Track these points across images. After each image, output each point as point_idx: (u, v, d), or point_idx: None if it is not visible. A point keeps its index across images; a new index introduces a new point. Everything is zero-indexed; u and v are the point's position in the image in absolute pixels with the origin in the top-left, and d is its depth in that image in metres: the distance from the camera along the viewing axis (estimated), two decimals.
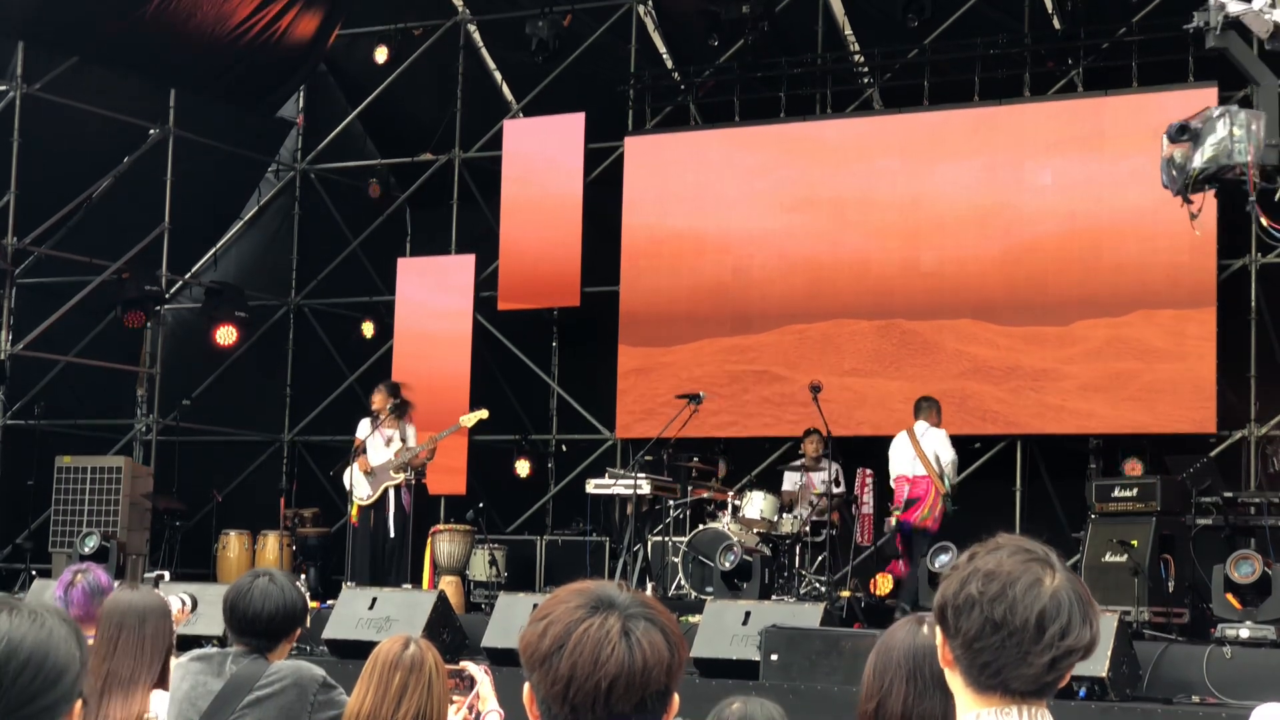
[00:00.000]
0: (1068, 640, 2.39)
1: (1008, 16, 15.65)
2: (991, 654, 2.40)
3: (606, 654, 2.29)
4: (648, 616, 2.35)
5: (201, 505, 17.30)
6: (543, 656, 2.33)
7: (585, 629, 2.31)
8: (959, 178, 15.49)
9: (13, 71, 16.90)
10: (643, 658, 2.30)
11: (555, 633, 2.33)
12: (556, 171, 17.18)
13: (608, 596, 2.36)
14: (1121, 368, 14.72)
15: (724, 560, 12.29)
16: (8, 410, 17.80)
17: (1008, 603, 2.40)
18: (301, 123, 19.77)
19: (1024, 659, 2.39)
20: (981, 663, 2.42)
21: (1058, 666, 2.42)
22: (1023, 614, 2.39)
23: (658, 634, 2.33)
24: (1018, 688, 2.41)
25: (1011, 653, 2.39)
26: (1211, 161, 9.05)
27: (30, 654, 2.16)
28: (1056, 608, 2.39)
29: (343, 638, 11.75)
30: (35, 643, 2.17)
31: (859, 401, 15.60)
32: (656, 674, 2.31)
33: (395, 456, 13.66)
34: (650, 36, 17.57)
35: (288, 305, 19.51)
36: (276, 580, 4.91)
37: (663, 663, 2.32)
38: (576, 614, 2.33)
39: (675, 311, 16.53)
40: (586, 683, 2.29)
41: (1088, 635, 2.43)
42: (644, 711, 2.31)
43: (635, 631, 2.31)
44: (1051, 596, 2.40)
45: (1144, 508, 11.71)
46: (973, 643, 2.42)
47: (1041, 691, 2.44)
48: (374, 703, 4.36)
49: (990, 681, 2.42)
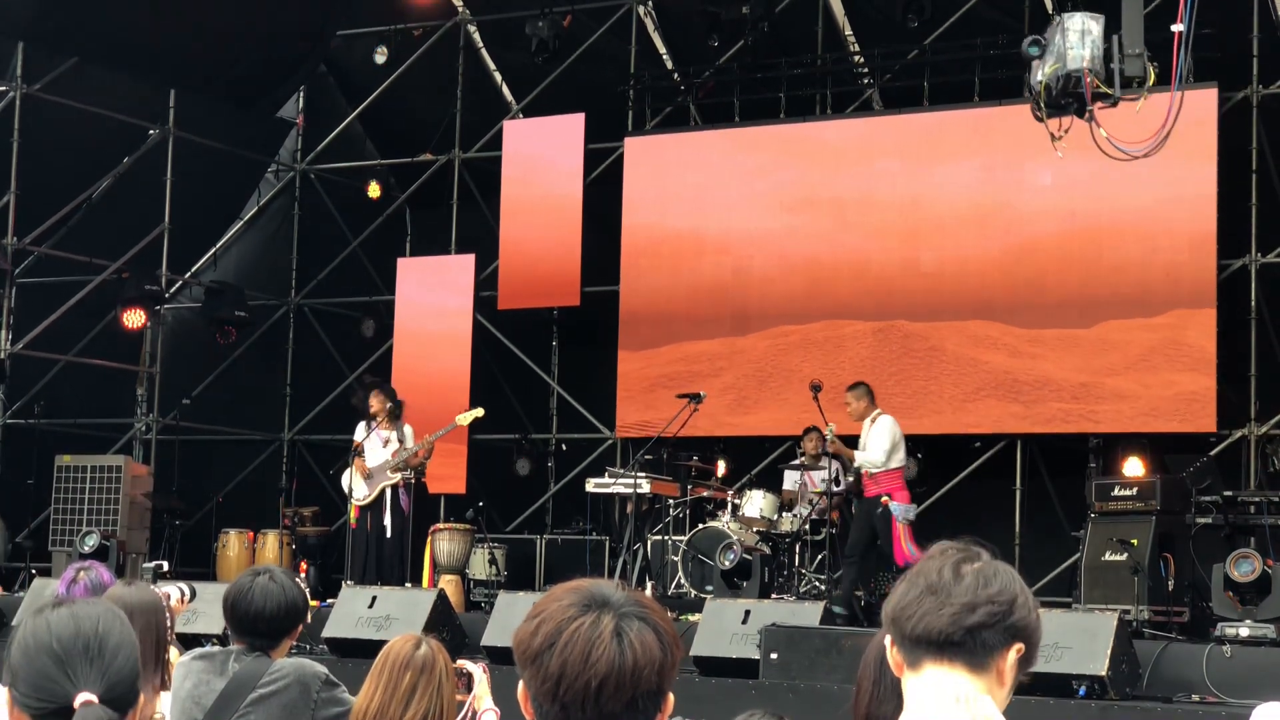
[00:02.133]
0: (990, 589, 2.49)
1: (1008, 16, 15.65)
2: (914, 606, 2.51)
3: (597, 653, 2.29)
4: (641, 616, 2.34)
5: (201, 504, 17.31)
6: (534, 654, 2.33)
7: (577, 627, 2.31)
8: (959, 178, 15.49)
9: (13, 71, 16.91)
10: (634, 657, 2.30)
11: (547, 631, 2.32)
12: (556, 172, 17.18)
13: (602, 595, 2.36)
14: (1121, 367, 14.73)
15: (724, 559, 12.30)
16: (8, 410, 17.82)
17: (928, 569, 2.54)
18: (301, 123, 19.78)
19: (944, 603, 2.48)
20: (906, 617, 2.51)
21: (979, 610, 2.48)
22: (938, 568, 2.52)
23: (650, 634, 2.33)
24: (939, 629, 2.48)
25: (930, 600, 2.50)
26: (1053, 74, 8.67)
27: (120, 641, 2.41)
28: (978, 569, 2.52)
29: (343, 636, 11.76)
30: (122, 632, 2.43)
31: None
32: (648, 674, 2.31)
33: (392, 457, 13.74)
34: (650, 37, 17.58)
35: (288, 305, 19.52)
36: (277, 578, 4.91)
37: (654, 663, 2.32)
38: (569, 612, 2.33)
39: (675, 311, 16.54)
40: (576, 681, 2.28)
41: (1015, 592, 2.51)
42: (635, 711, 2.31)
43: (628, 631, 2.31)
44: (975, 566, 2.53)
45: (1144, 507, 11.72)
46: (898, 607, 2.53)
47: (968, 644, 2.48)
48: (383, 701, 4.37)
49: (914, 633, 2.50)
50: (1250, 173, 14.76)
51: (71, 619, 2.38)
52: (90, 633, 2.37)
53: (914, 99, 15.99)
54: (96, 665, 2.35)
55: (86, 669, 2.33)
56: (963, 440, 15.51)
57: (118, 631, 2.41)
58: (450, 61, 18.25)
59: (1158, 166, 14.70)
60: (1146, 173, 14.72)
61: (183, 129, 17.88)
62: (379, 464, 13.78)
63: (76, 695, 2.31)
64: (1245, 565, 10.52)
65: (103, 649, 2.36)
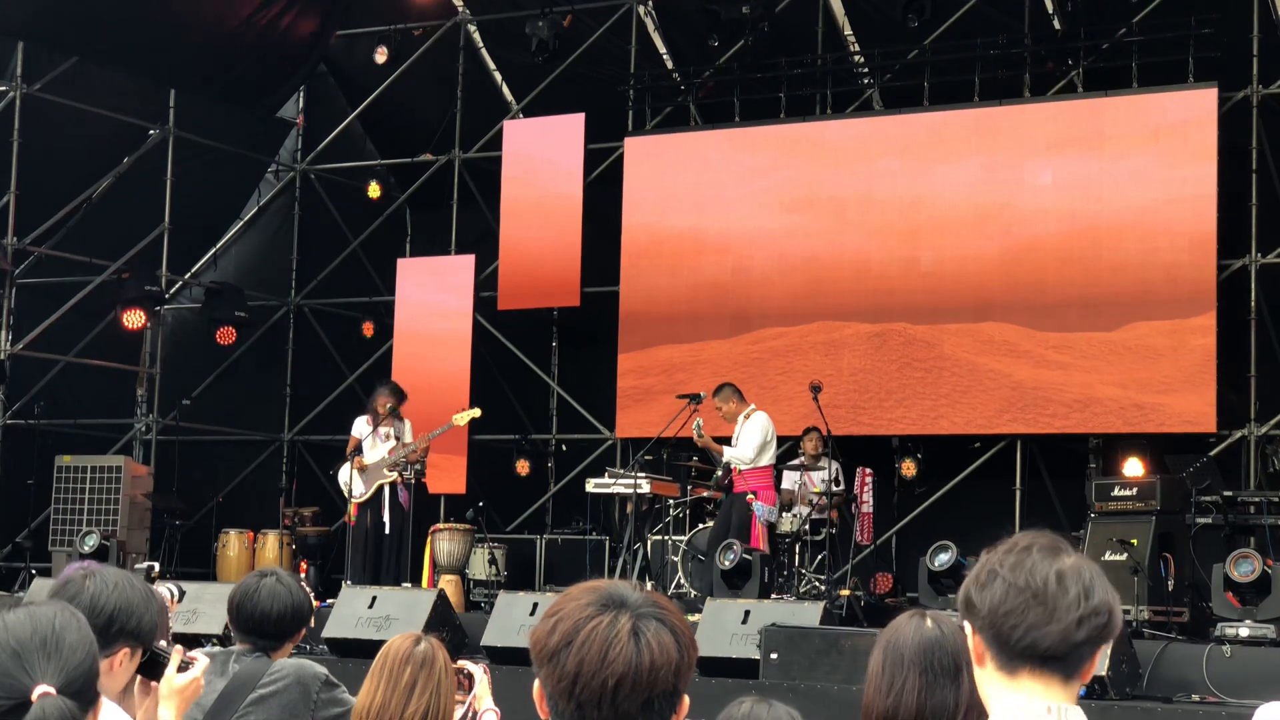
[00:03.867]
0: (1093, 601, 2.44)
1: (1008, 17, 15.65)
2: (1018, 616, 2.44)
3: (614, 653, 2.29)
4: (659, 617, 2.35)
5: (201, 505, 17.31)
6: (551, 652, 2.33)
7: (594, 627, 2.31)
8: (959, 178, 15.49)
9: (13, 71, 16.91)
10: (650, 658, 2.30)
11: (564, 629, 2.33)
12: (556, 172, 17.18)
13: (620, 595, 2.36)
14: (1121, 367, 14.73)
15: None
16: (8, 410, 17.81)
17: (1027, 568, 2.46)
18: (301, 123, 19.78)
19: (1051, 615, 2.43)
20: (1010, 626, 2.45)
21: (1085, 625, 2.44)
22: (1042, 573, 2.45)
23: (668, 635, 2.33)
24: (1048, 646, 2.44)
25: (1037, 611, 2.43)
26: None
27: (78, 639, 2.46)
28: (1076, 571, 2.46)
29: (343, 636, 11.76)
30: (79, 631, 2.48)
31: (858, 401, 15.61)
32: (664, 674, 2.31)
33: (390, 454, 13.78)
34: (650, 37, 17.57)
35: (288, 305, 19.52)
36: (283, 580, 4.92)
37: (671, 663, 2.32)
38: (586, 611, 2.33)
39: (675, 311, 16.54)
40: (593, 680, 2.29)
41: (1110, 599, 2.47)
42: (651, 711, 2.32)
43: (645, 632, 2.31)
44: (1070, 564, 2.47)
45: (1144, 507, 11.72)
46: (999, 609, 2.46)
47: (1070, 658, 2.45)
48: (384, 698, 4.36)
49: (1019, 645, 2.44)
50: (1250, 173, 14.77)
51: (29, 619, 2.44)
52: (47, 630, 2.43)
53: (914, 99, 15.98)
54: (54, 660, 2.40)
55: (44, 663, 2.39)
56: (963, 440, 15.51)
57: (74, 630, 2.46)
58: (450, 61, 18.25)
59: (1158, 166, 14.76)
60: (1146, 173, 14.76)
61: (183, 129, 17.88)
62: (376, 461, 13.83)
63: (34, 688, 2.36)
64: (1245, 565, 10.52)
65: (60, 645, 2.42)
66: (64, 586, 3.40)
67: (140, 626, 3.46)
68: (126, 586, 3.49)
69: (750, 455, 12.74)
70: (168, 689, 3.63)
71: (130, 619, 3.45)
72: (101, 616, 3.39)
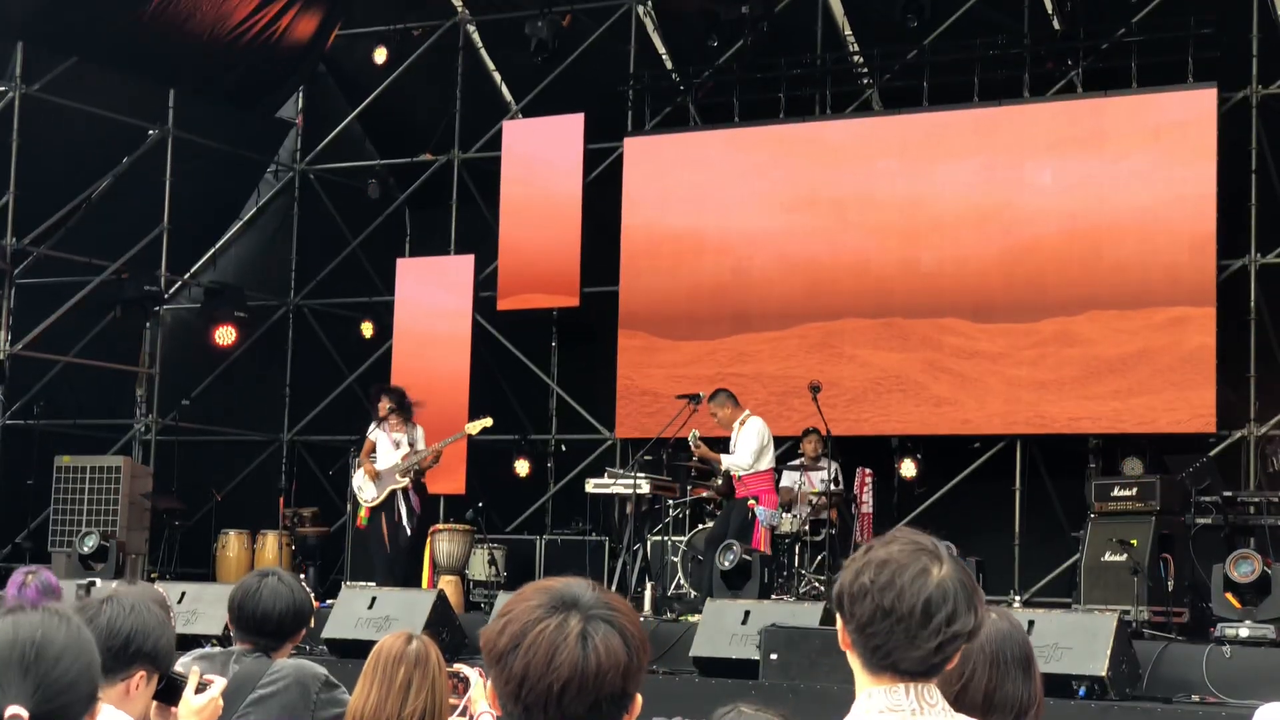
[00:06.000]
0: (954, 626, 2.55)
1: (1007, 17, 15.65)
2: (882, 638, 2.57)
3: (561, 657, 2.28)
4: (608, 619, 2.33)
5: (201, 505, 17.29)
6: (499, 654, 2.32)
7: (542, 629, 2.30)
8: (958, 178, 15.49)
9: (13, 71, 16.89)
10: (597, 661, 2.29)
11: (513, 631, 2.32)
12: (556, 172, 17.18)
13: (571, 596, 2.35)
14: (1121, 367, 14.72)
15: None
16: (7, 410, 17.79)
17: (895, 591, 2.55)
18: (301, 123, 19.77)
19: (912, 642, 2.55)
20: (873, 645, 2.58)
21: (944, 650, 2.57)
22: (909, 601, 2.55)
23: (616, 638, 2.32)
24: (907, 668, 2.57)
25: (900, 637, 2.55)
26: None
27: (63, 649, 2.31)
28: (942, 596, 2.55)
29: (342, 637, 11.76)
30: (66, 638, 2.33)
31: (858, 401, 15.61)
32: (611, 678, 2.30)
33: (402, 460, 13.78)
34: (650, 37, 17.57)
35: (287, 305, 19.51)
36: (285, 580, 4.93)
37: (618, 666, 2.31)
38: (536, 614, 2.32)
39: (675, 311, 16.54)
40: (539, 684, 2.28)
41: (972, 621, 2.58)
42: (599, 713, 2.30)
43: (594, 635, 2.30)
44: (938, 586, 2.56)
45: (1143, 507, 11.73)
46: (865, 628, 2.58)
47: (929, 672, 2.59)
48: (379, 698, 4.35)
49: (882, 663, 2.58)
50: (1250, 173, 14.77)
51: (11, 628, 2.30)
52: (26, 642, 2.28)
53: (914, 99, 15.98)
54: (31, 676, 2.25)
55: (19, 680, 2.24)
56: (963, 440, 15.51)
57: (61, 638, 2.31)
58: (450, 61, 18.24)
59: (1157, 166, 14.76)
60: (1146, 173, 14.76)
61: (182, 129, 17.86)
62: (388, 467, 13.83)
63: (6, 709, 2.23)
64: (1245, 566, 10.52)
65: (40, 658, 2.27)
66: (80, 609, 3.38)
67: (157, 649, 3.46)
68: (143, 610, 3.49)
69: (748, 461, 12.75)
70: (186, 711, 3.61)
71: (147, 641, 3.45)
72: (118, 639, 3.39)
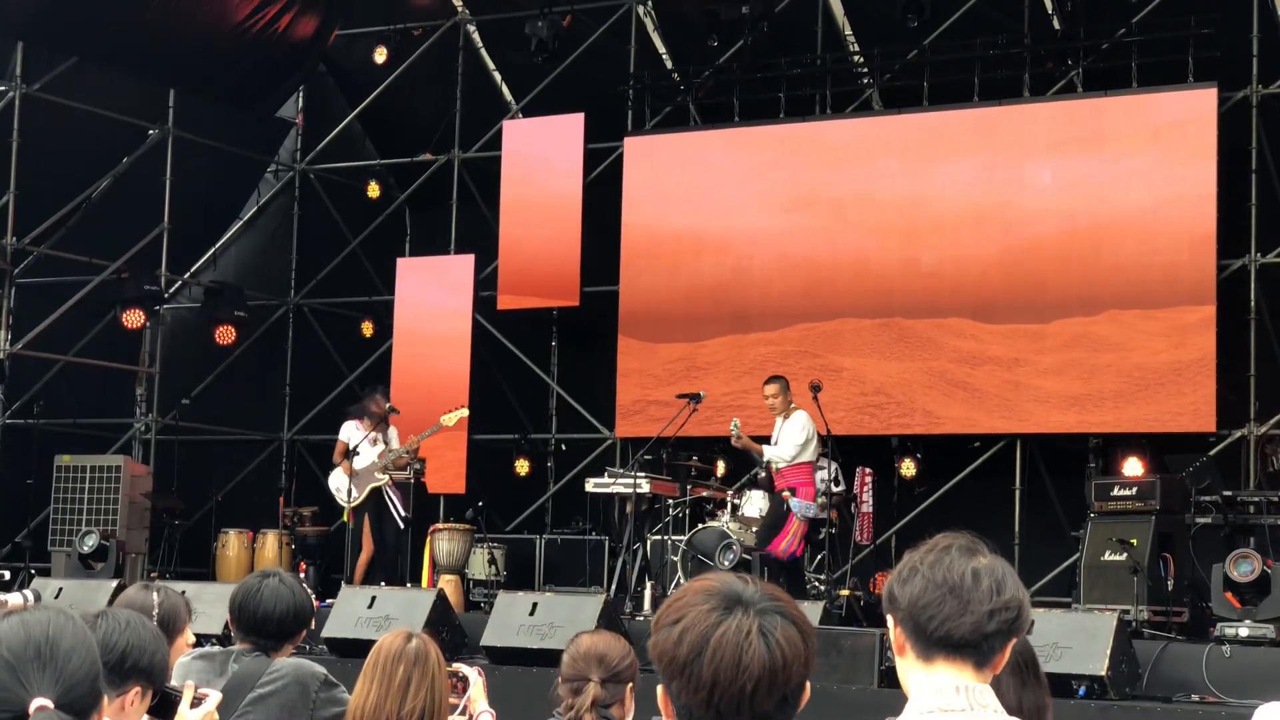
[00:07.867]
0: (1004, 595, 2.63)
1: (1008, 17, 15.65)
2: (935, 608, 2.63)
3: (749, 657, 2.29)
4: (780, 611, 2.35)
5: (201, 504, 17.30)
6: (682, 664, 2.31)
7: (723, 632, 2.30)
8: (959, 178, 15.49)
9: (12, 71, 16.90)
10: (782, 655, 2.31)
11: (692, 639, 2.32)
12: (556, 171, 17.18)
13: (736, 593, 2.35)
14: (1121, 367, 14.72)
15: (723, 559, 12.30)
16: (7, 409, 17.80)
17: (945, 565, 2.66)
18: (301, 123, 19.77)
19: (965, 608, 2.62)
20: (927, 617, 2.63)
21: (995, 617, 2.60)
22: (959, 570, 2.65)
23: (792, 628, 2.34)
24: (961, 636, 2.61)
25: (951, 605, 2.63)
26: None
27: (74, 644, 2.39)
28: (989, 569, 2.66)
29: (342, 636, 11.76)
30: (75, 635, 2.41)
31: (858, 401, 15.61)
32: (796, 669, 2.33)
33: (379, 458, 13.96)
34: (650, 37, 17.57)
35: (287, 305, 19.51)
36: (286, 581, 4.94)
37: (800, 657, 2.34)
38: (710, 617, 2.32)
39: (675, 311, 16.53)
40: (731, 687, 2.29)
41: (1021, 595, 2.65)
42: (785, 705, 2.33)
43: (773, 630, 2.32)
44: (985, 564, 2.68)
45: (1143, 507, 11.72)
46: (917, 602, 2.64)
47: (982, 647, 2.62)
48: (379, 697, 4.35)
49: (934, 635, 2.63)
50: (1250, 172, 14.76)
51: (21, 626, 2.37)
52: (41, 638, 2.35)
53: (914, 99, 15.97)
54: (50, 670, 2.33)
55: (40, 675, 2.32)
56: (962, 440, 15.51)
57: (70, 635, 2.39)
58: (450, 61, 18.24)
59: (1157, 166, 14.76)
60: (1146, 172, 14.76)
61: (182, 129, 17.87)
62: (366, 465, 14.01)
63: (31, 701, 2.29)
64: (1245, 565, 10.52)
65: (55, 653, 2.35)
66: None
67: (152, 665, 3.48)
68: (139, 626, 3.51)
69: (791, 454, 12.75)
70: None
71: (142, 656, 3.46)
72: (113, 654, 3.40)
